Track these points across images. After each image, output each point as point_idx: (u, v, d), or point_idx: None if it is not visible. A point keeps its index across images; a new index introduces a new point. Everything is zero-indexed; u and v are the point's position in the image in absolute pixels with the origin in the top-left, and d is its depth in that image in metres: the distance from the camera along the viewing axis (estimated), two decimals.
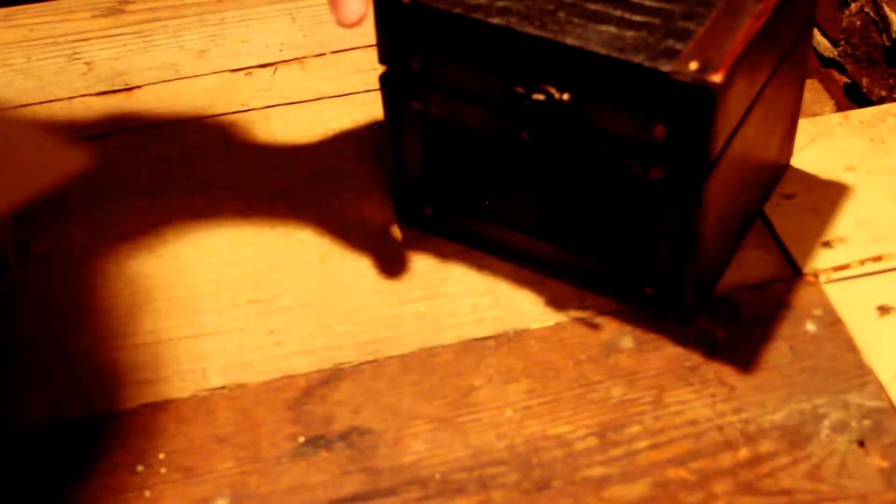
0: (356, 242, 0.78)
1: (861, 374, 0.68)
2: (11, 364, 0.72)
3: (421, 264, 0.77)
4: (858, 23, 0.93)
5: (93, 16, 1.03)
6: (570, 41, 0.63)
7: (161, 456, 0.66)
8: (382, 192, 0.82)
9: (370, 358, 0.71)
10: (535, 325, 0.72)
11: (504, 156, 0.70)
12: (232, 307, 0.75)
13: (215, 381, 0.70)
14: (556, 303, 0.73)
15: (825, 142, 0.83)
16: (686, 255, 0.67)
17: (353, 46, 0.98)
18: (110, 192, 0.84)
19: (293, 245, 0.79)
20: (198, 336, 0.73)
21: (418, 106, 0.71)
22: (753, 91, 0.66)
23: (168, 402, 0.69)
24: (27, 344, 0.73)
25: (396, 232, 0.79)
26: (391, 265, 0.77)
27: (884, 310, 0.71)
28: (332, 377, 0.70)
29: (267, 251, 0.78)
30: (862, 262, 0.73)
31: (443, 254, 0.77)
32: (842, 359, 0.69)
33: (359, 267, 0.77)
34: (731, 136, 0.65)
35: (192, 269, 0.77)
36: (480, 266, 0.76)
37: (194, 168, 0.86)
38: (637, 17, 0.63)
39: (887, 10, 0.89)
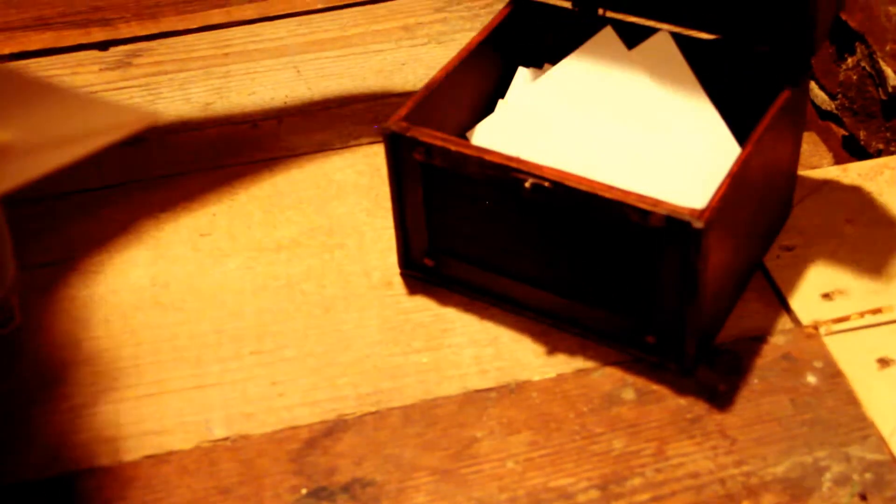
0: (359, 294, 0.79)
1: (862, 427, 0.68)
2: (14, 413, 0.72)
3: (423, 315, 0.77)
4: (855, 77, 0.94)
5: (101, 69, 1.04)
6: None
7: None
8: (385, 244, 0.83)
9: (373, 409, 0.71)
10: (536, 377, 0.72)
11: (506, 204, 0.71)
12: (235, 358, 0.75)
13: (219, 432, 0.70)
14: (558, 354, 0.74)
15: (824, 194, 0.83)
16: (686, 303, 0.67)
17: (356, 100, 0.99)
18: (115, 242, 0.85)
19: (296, 296, 0.79)
20: (201, 387, 0.73)
21: (420, 157, 0.72)
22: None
23: (171, 453, 0.69)
24: (30, 393, 0.73)
25: (399, 283, 0.80)
26: (393, 316, 0.77)
27: (884, 362, 0.71)
28: (334, 428, 0.70)
29: (270, 302, 0.79)
30: (861, 315, 0.73)
31: (445, 304, 0.78)
32: (843, 411, 0.69)
33: (361, 318, 0.77)
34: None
35: (196, 320, 0.78)
36: (483, 317, 0.77)
37: (199, 219, 0.86)
38: None
39: (883, 64, 0.90)
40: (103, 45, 1.08)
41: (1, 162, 0.49)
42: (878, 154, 0.92)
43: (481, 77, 0.81)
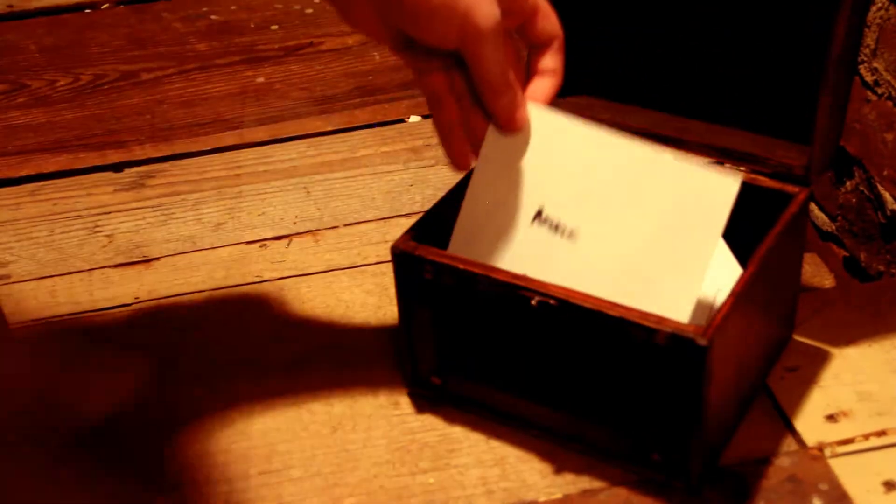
0: (366, 413, 0.79)
1: None
2: None
3: (430, 435, 0.77)
4: (854, 200, 0.96)
5: (115, 190, 1.07)
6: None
7: None
8: (392, 363, 0.83)
9: None
10: (543, 498, 0.72)
11: (512, 322, 0.72)
12: (243, 478, 0.75)
13: None
14: (564, 474, 0.74)
15: (826, 315, 0.84)
16: (691, 420, 0.68)
17: (364, 219, 1.01)
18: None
19: (304, 415, 0.80)
20: None
21: (428, 275, 0.73)
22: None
23: None
24: None
25: (406, 402, 0.80)
26: (400, 436, 0.77)
27: (890, 486, 0.71)
28: None
29: (278, 422, 0.79)
30: (866, 437, 0.74)
31: (452, 424, 0.78)
32: None
33: (368, 438, 0.77)
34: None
35: (203, 439, 0.78)
36: (489, 436, 0.77)
37: (208, 338, 0.87)
38: None
39: (881, 189, 0.92)
40: (118, 167, 1.10)
41: None
42: (879, 276, 0.94)
43: None
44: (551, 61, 0.70)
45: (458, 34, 0.63)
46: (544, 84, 0.70)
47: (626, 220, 0.70)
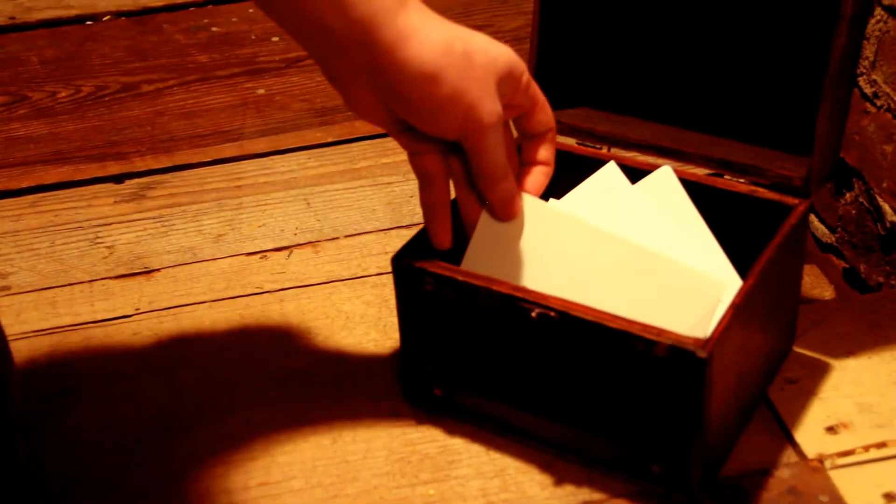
0: (367, 424, 0.79)
1: None
2: None
3: (430, 446, 0.77)
4: (854, 211, 0.97)
5: (115, 201, 1.07)
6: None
7: None
8: (392, 374, 0.83)
9: None
10: None
11: (513, 334, 0.72)
12: (243, 490, 0.75)
13: None
14: (564, 485, 0.74)
15: (826, 327, 0.84)
16: (691, 432, 0.68)
17: (365, 231, 1.01)
18: (127, 372, 0.85)
19: (304, 427, 0.80)
20: None
21: (429, 287, 0.73)
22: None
23: None
24: None
25: (406, 413, 0.80)
26: (401, 447, 0.77)
27: (890, 497, 0.71)
28: None
29: (278, 433, 0.79)
30: (866, 449, 0.74)
31: (452, 434, 0.78)
32: None
33: (369, 449, 0.77)
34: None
35: (203, 450, 0.78)
36: (489, 447, 0.77)
37: (208, 349, 0.87)
38: None
39: (881, 200, 0.92)
40: (119, 178, 1.11)
41: None
42: (879, 287, 0.94)
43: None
44: (545, 152, 0.74)
45: (460, 127, 0.66)
46: (538, 175, 0.74)
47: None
